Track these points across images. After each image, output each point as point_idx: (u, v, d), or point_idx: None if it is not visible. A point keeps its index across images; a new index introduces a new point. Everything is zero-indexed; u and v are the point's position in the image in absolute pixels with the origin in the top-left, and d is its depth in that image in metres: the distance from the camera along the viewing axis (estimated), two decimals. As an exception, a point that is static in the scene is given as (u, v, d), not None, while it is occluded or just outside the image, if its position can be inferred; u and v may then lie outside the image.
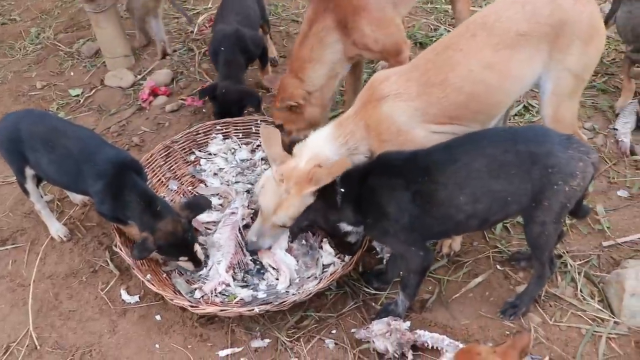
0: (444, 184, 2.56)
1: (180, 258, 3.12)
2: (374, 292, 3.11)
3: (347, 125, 2.95)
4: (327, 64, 3.45)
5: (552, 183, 2.47)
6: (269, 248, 3.20)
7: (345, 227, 2.84)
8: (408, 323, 2.85)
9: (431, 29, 5.27)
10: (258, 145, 3.88)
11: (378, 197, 2.67)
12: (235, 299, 3.09)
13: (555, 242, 2.88)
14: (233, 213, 3.41)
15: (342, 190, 2.73)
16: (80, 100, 4.82)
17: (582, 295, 2.97)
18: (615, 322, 2.84)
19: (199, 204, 3.14)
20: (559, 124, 3.06)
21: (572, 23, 2.85)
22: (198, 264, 3.17)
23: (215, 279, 3.13)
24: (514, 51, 2.83)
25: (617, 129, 3.93)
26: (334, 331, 2.97)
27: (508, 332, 2.84)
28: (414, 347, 2.78)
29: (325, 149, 2.95)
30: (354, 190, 2.73)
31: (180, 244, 3.05)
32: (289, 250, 3.25)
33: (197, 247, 3.14)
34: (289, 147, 3.24)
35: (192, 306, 2.91)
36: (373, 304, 3.07)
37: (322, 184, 2.77)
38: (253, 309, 2.85)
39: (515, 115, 4.18)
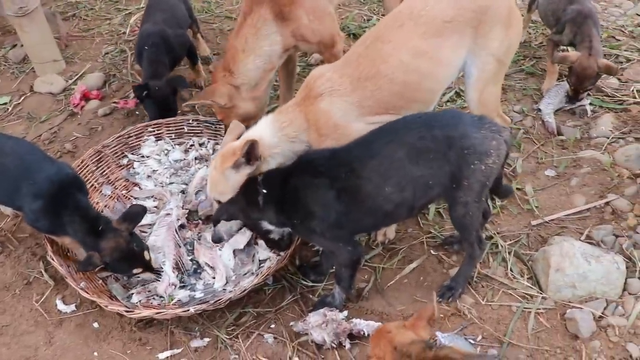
0: (368, 178, 2.60)
1: (134, 271, 3.07)
2: (311, 284, 3.13)
3: (287, 113, 2.98)
4: (262, 56, 3.44)
5: (469, 163, 2.55)
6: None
7: (267, 225, 2.86)
8: (345, 313, 2.89)
9: (364, 19, 5.32)
10: (191, 145, 3.86)
11: (302, 197, 2.70)
12: (172, 300, 3.08)
13: (482, 223, 2.97)
14: (168, 214, 3.39)
15: (265, 191, 2.72)
16: (8, 109, 4.70)
17: (513, 274, 3.06)
18: (543, 298, 2.93)
19: (135, 213, 3.09)
20: (484, 107, 3.16)
21: (493, 9, 2.94)
22: (155, 271, 3.14)
23: (165, 280, 3.11)
24: (442, 38, 2.90)
25: (540, 110, 4.04)
26: (272, 325, 2.99)
27: (442, 315, 2.90)
28: (351, 336, 2.81)
29: (264, 132, 2.95)
30: (277, 192, 2.74)
31: (128, 257, 3.01)
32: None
33: (148, 255, 3.08)
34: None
35: (127, 311, 2.89)
36: (311, 296, 3.09)
37: (237, 154, 2.79)
38: (189, 310, 2.84)
39: (448, 101, 4.25)
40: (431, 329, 2.30)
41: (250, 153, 2.79)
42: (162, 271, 3.15)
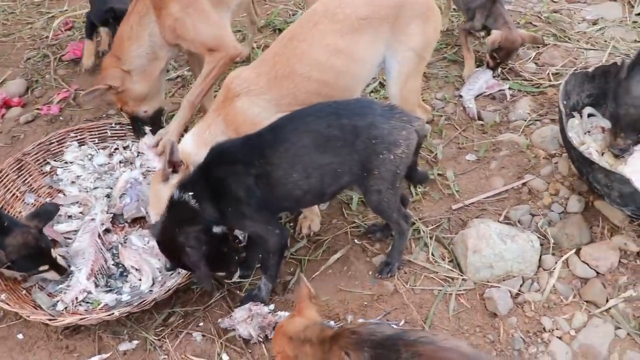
0: (277, 165, 2.64)
1: (40, 268, 3.04)
2: (238, 280, 3.14)
3: (206, 120, 3.03)
4: (144, 46, 3.45)
5: (378, 153, 2.60)
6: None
7: (216, 229, 2.81)
8: (272, 306, 2.93)
9: (289, 14, 5.33)
10: (115, 149, 3.83)
11: (227, 185, 2.69)
12: (99, 305, 3.06)
13: (404, 205, 3.04)
14: (92, 219, 3.37)
15: (191, 194, 2.69)
16: None
17: (434, 259, 3.13)
18: (463, 279, 3.02)
19: (46, 211, 3.08)
20: (405, 101, 3.22)
21: (410, 4, 3.01)
22: (62, 271, 3.12)
23: (75, 288, 3.08)
24: (358, 36, 2.95)
25: (462, 96, 4.15)
26: (201, 324, 3.00)
27: (366, 303, 2.96)
28: (277, 329, 2.85)
29: (186, 143, 3.02)
30: (204, 189, 2.71)
31: (35, 254, 2.99)
32: (151, 249, 3.25)
33: (55, 254, 3.07)
34: (134, 124, 3.57)
35: (50, 319, 2.86)
36: (238, 292, 3.11)
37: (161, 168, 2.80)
38: (113, 313, 2.83)
39: (372, 92, 4.31)
40: (316, 307, 2.35)
41: (172, 160, 2.81)
42: (72, 275, 3.14)
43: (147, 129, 3.61)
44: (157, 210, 2.92)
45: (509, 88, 4.23)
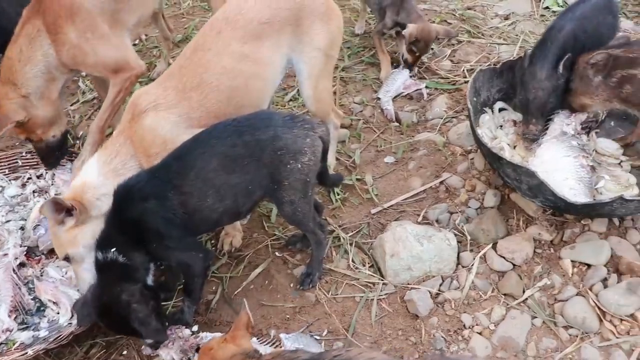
0: (190, 193, 2.60)
1: None
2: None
3: (111, 146, 2.92)
4: (39, 65, 3.32)
5: (285, 163, 2.60)
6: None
7: (149, 282, 2.74)
8: (195, 327, 2.88)
9: (208, 27, 5.27)
10: (28, 179, 3.71)
11: (145, 223, 2.62)
12: (15, 344, 2.94)
13: (319, 213, 3.05)
14: (5, 255, 3.25)
15: (115, 249, 2.59)
16: None
17: (355, 265, 3.14)
18: (384, 284, 3.03)
19: None
20: (320, 102, 3.28)
21: (309, 5, 3.05)
22: None
23: (-3, 327, 2.98)
24: (261, 40, 2.96)
25: (380, 98, 4.18)
26: (124, 352, 2.94)
27: (288, 316, 2.95)
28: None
29: (88, 174, 2.90)
30: (123, 237, 2.63)
31: None
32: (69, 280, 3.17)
33: None
34: (42, 152, 3.48)
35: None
36: (161, 316, 3.05)
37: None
38: (27, 352, 2.74)
39: (290, 100, 4.30)
40: (251, 336, 2.32)
41: (58, 209, 2.74)
42: None
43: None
44: (62, 254, 2.88)
45: (426, 87, 4.28)
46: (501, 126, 3.59)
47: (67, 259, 2.90)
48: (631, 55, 3.11)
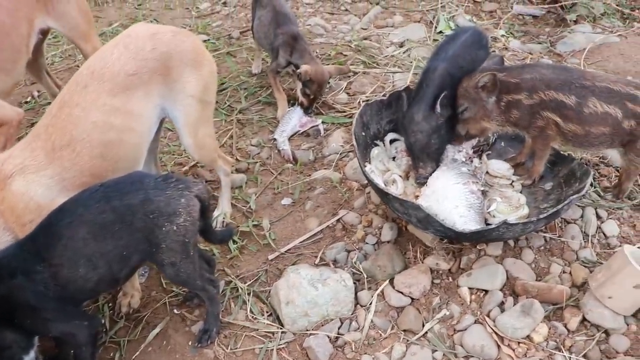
0: (60, 264, 2.49)
1: None
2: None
3: None
4: None
5: (160, 226, 2.53)
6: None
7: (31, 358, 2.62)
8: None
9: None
10: None
11: (14, 300, 2.48)
12: None
13: (209, 271, 2.99)
14: None
15: None
16: None
17: (254, 315, 3.07)
18: (282, 332, 2.97)
19: None
20: (203, 150, 3.23)
21: (177, 53, 3.00)
22: None
23: None
24: (131, 91, 2.87)
25: (276, 139, 4.16)
26: None
27: (186, 378, 2.86)
28: None
29: None
30: None
31: None
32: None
33: None
34: None
35: None
36: (52, 392, 2.91)
37: None
38: None
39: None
40: None
41: None
42: None
43: None
44: None
45: (323, 122, 4.29)
46: (394, 157, 3.62)
47: None
48: (512, 80, 3.16)
